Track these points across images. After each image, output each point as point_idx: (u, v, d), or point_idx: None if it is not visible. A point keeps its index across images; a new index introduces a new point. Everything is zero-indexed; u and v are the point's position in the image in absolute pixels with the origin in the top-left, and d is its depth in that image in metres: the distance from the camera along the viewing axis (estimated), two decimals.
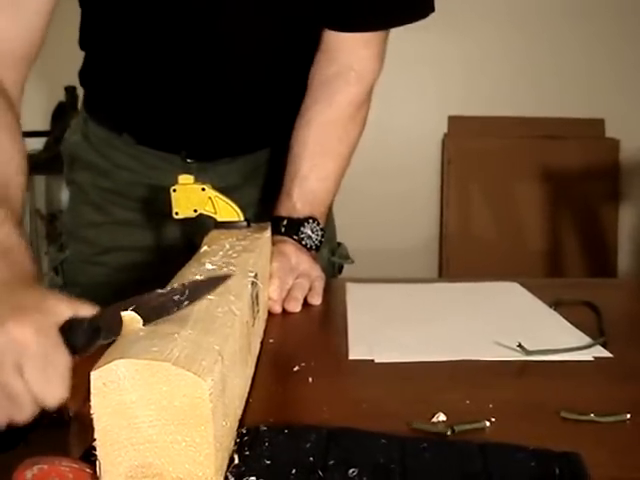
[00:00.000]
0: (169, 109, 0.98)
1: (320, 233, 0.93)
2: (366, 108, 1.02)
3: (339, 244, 1.14)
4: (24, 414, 0.45)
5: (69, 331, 0.46)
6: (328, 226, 1.14)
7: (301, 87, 0.99)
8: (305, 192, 0.94)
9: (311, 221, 0.93)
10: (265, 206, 0.99)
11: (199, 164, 1.02)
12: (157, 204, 0.98)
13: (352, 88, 0.98)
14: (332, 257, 1.10)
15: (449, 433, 0.49)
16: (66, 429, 0.51)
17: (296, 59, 0.98)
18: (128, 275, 1.01)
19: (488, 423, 0.50)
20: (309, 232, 0.92)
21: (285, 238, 0.90)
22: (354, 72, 0.97)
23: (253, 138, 1.04)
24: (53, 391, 0.45)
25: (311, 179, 0.95)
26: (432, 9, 0.94)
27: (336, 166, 0.99)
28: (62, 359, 0.45)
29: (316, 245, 0.93)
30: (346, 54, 0.96)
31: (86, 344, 0.47)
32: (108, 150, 1.03)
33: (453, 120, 2.84)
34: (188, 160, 1.01)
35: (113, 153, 1.03)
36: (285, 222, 0.92)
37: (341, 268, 1.12)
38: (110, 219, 1.03)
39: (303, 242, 0.91)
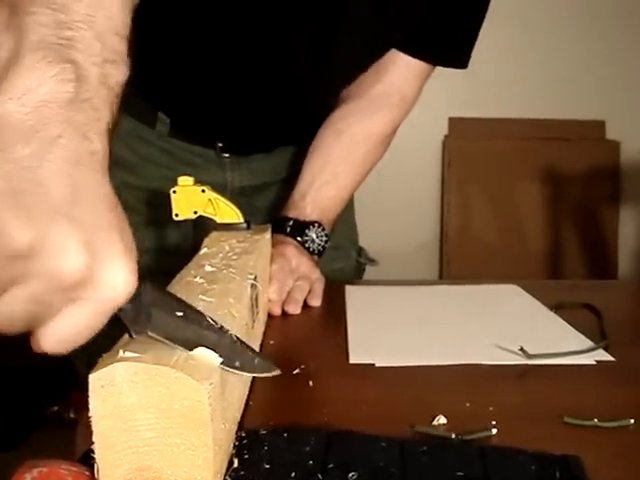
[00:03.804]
0: (211, 93, 0.94)
1: (324, 239, 0.93)
2: (394, 134, 1.03)
3: (361, 248, 1.16)
4: (14, 330, 0.36)
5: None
6: (352, 229, 1.16)
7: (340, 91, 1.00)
8: (320, 197, 0.95)
9: (317, 225, 0.93)
10: None
11: (233, 159, 1.01)
12: None
13: (395, 110, 1.00)
14: (359, 258, 1.11)
15: (453, 437, 0.48)
16: (66, 430, 0.50)
17: (356, 74, 0.98)
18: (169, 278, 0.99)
19: (495, 430, 0.49)
20: (314, 236, 0.92)
21: (286, 239, 0.90)
22: (400, 96, 0.99)
23: (292, 132, 1.03)
24: (67, 344, 0.37)
25: (331, 186, 0.96)
26: (466, 66, 0.98)
27: (355, 179, 1.00)
28: (100, 325, 0.38)
29: (319, 250, 0.93)
30: (398, 78, 0.98)
31: (131, 323, 0.40)
32: (138, 143, 0.99)
33: (454, 122, 2.84)
34: (224, 155, 1.00)
35: (143, 147, 0.99)
36: (291, 223, 0.92)
37: (363, 270, 1.14)
38: (142, 219, 1.00)
39: (306, 245, 0.91)
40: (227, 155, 1.01)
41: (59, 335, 0.37)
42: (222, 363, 0.41)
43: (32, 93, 0.36)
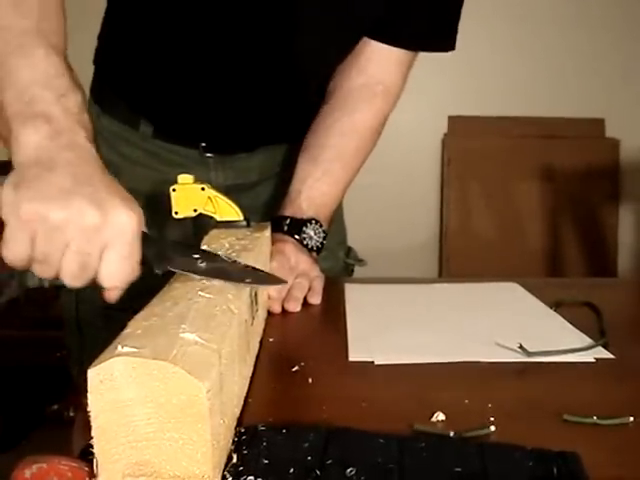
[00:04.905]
0: (192, 96, 0.95)
1: (322, 235, 0.93)
2: (383, 126, 1.03)
3: (350, 248, 1.15)
4: (79, 282, 0.55)
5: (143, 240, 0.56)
6: (340, 229, 1.16)
7: (324, 88, 1.00)
8: (314, 194, 0.95)
9: (314, 222, 0.93)
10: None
11: (217, 158, 1.01)
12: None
13: (378, 101, 1.00)
14: (347, 259, 1.11)
15: (452, 434, 0.48)
16: (66, 428, 0.51)
17: (329, 64, 0.99)
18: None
19: (493, 428, 0.49)
20: (311, 233, 0.92)
21: (285, 237, 0.90)
22: (382, 86, 0.99)
23: (274, 131, 1.03)
24: (118, 277, 0.55)
25: (323, 182, 0.96)
26: (454, 48, 0.99)
27: (348, 174, 1.00)
28: (138, 257, 0.55)
29: (317, 247, 0.93)
30: (378, 67, 0.98)
31: (154, 260, 0.57)
32: (122, 146, 1.01)
33: (453, 120, 2.84)
34: (207, 154, 1.01)
35: (128, 149, 1.00)
36: (288, 221, 0.92)
37: (352, 271, 1.14)
38: None
39: (304, 242, 0.91)
40: (210, 155, 1.01)
41: (110, 273, 0.55)
42: (235, 280, 0.56)
43: (29, 141, 0.56)
